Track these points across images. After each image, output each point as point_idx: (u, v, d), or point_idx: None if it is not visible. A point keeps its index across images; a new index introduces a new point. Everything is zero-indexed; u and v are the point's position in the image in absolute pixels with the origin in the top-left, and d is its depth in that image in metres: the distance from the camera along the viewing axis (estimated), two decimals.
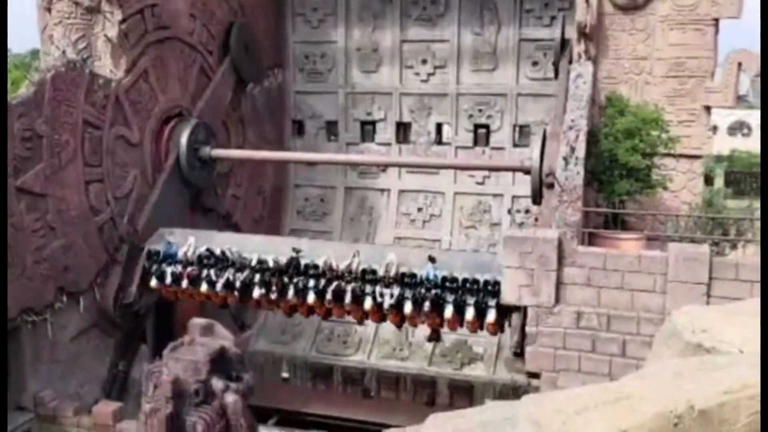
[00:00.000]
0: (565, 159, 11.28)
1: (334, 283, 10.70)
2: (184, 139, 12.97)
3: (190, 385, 8.35)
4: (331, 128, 16.70)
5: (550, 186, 11.19)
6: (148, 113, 12.61)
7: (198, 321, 9.24)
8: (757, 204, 14.23)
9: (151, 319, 13.13)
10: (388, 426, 11.74)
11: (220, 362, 8.66)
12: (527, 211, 15.00)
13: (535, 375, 11.00)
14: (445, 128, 16.19)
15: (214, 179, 14.32)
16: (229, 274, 11.26)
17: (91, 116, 11.35)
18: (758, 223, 11.89)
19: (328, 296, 10.72)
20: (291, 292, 10.95)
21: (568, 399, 2.32)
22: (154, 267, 11.74)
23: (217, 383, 8.53)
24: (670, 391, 2.44)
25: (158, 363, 8.77)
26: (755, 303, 4.46)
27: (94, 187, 11.51)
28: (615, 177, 12.09)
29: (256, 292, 11.15)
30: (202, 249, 11.48)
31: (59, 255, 10.76)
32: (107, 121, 11.69)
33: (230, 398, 8.49)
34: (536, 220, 14.43)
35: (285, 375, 14.25)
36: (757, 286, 10.20)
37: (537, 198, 12.43)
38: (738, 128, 44.49)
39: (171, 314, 13.32)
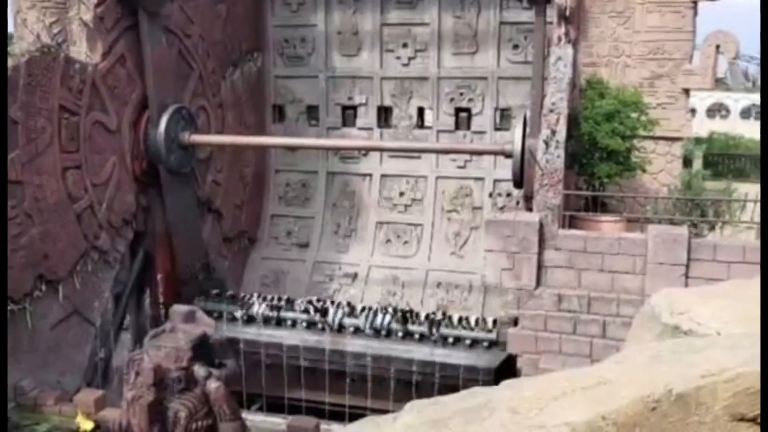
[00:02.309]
0: (545, 142, 11.32)
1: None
2: (162, 126, 12.81)
3: (171, 372, 8.33)
4: (312, 113, 16.57)
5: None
6: (126, 99, 12.43)
7: (179, 308, 9.19)
8: (735, 185, 14.39)
9: (132, 305, 13.07)
10: (374, 410, 11.80)
11: (203, 349, 8.63)
12: (509, 195, 15.04)
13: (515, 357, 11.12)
14: (427, 112, 16.15)
15: (194, 165, 14.18)
16: None
17: (67, 102, 11.16)
18: (735, 205, 12.05)
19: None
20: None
21: (546, 384, 2.33)
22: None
23: (200, 370, 8.50)
24: (647, 375, 2.46)
25: (139, 351, 8.74)
26: (733, 285, 4.52)
27: (72, 174, 11.35)
28: (595, 160, 12.16)
29: None
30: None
31: (37, 243, 10.62)
32: (84, 107, 11.50)
33: (213, 385, 8.47)
34: (518, 203, 14.48)
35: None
36: (734, 267, 10.35)
37: (518, 182, 12.48)
38: (716, 110, 44.91)
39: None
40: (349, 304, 13.43)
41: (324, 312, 13.17)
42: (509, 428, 2.03)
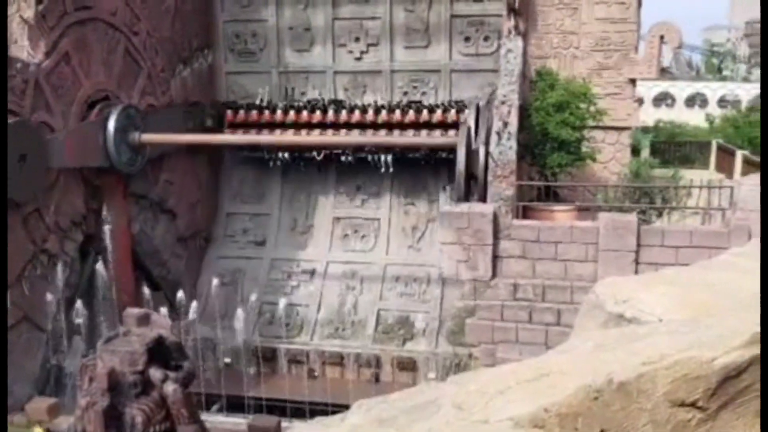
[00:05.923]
0: (498, 134, 11.44)
1: None
2: (111, 125, 12.55)
3: (127, 376, 8.18)
4: None
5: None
6: (71, 98, 12.10)
7: (133, 311, 9.01)
8: (682, 172, 14.79)
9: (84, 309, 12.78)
10: (336, 406, 11.82)
11: (158, 352, 8.49)
12: None
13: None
14: None
15: (146, 165, 13.91)
16: None
17: (9, 102, 10.81)
18: (682, 191, 12.39)
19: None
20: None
21: (491, 379, 2.37)
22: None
23: (156, 373, 8.34)
24: (590, 365, 2.51)
25: (92, 356, 8.55)
26: (675, 272, 4.65)
27: None
28: (547, 150, 12.37)
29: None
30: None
31: None
32: (27, 108, 11.16)
33: (170, 388, 8.31)
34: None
35: (227, 360, 14.09)
36: (682, 252, 10.66)
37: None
38: (662, 99, 46.14)
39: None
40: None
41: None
42: (454, 425, 2.05)
